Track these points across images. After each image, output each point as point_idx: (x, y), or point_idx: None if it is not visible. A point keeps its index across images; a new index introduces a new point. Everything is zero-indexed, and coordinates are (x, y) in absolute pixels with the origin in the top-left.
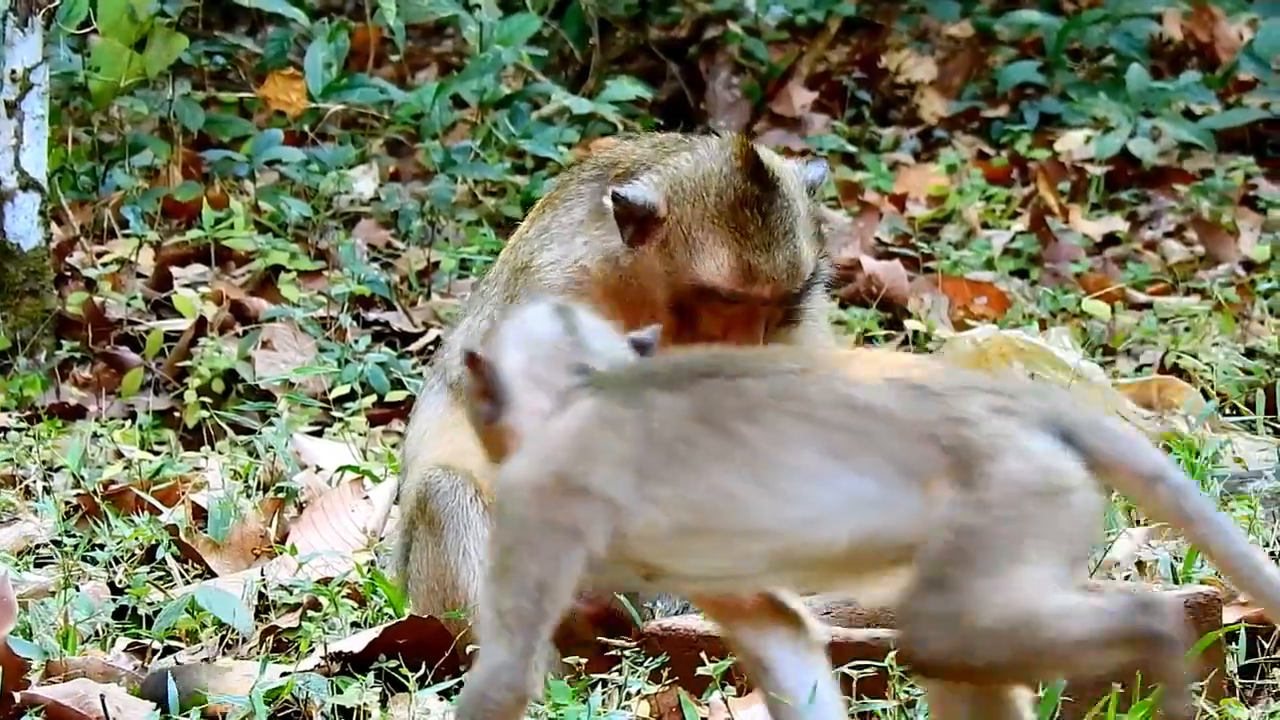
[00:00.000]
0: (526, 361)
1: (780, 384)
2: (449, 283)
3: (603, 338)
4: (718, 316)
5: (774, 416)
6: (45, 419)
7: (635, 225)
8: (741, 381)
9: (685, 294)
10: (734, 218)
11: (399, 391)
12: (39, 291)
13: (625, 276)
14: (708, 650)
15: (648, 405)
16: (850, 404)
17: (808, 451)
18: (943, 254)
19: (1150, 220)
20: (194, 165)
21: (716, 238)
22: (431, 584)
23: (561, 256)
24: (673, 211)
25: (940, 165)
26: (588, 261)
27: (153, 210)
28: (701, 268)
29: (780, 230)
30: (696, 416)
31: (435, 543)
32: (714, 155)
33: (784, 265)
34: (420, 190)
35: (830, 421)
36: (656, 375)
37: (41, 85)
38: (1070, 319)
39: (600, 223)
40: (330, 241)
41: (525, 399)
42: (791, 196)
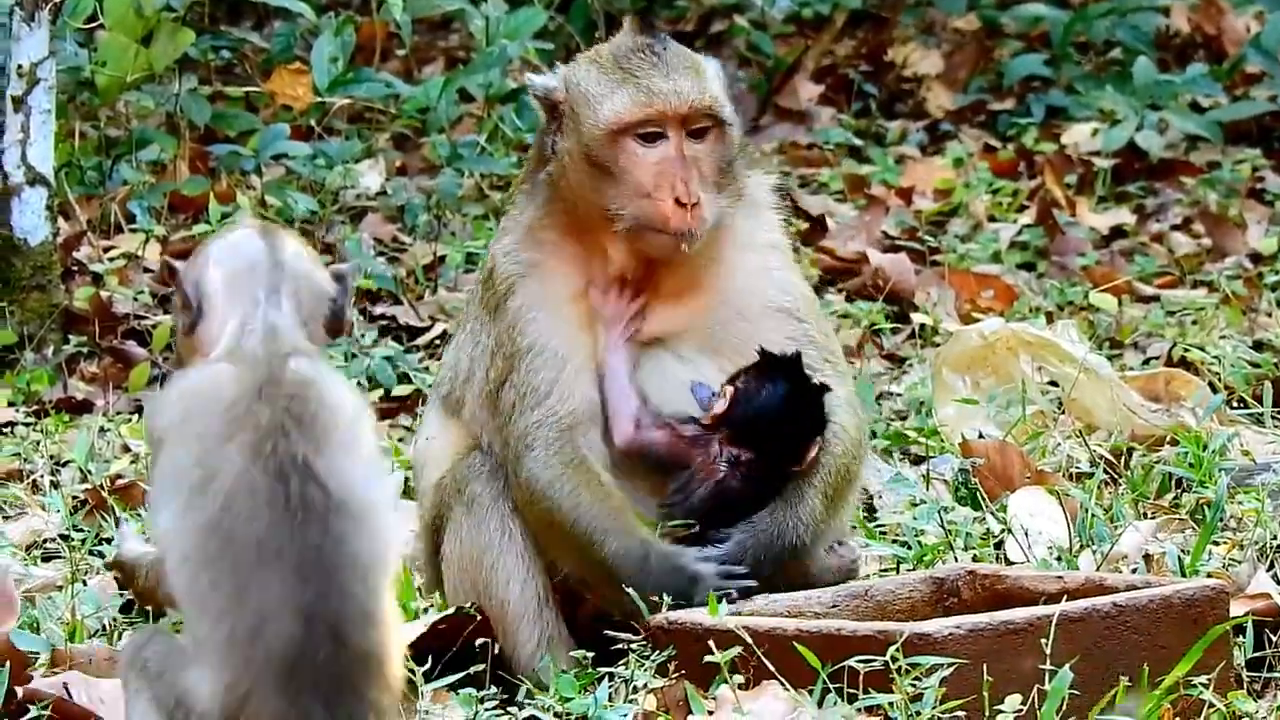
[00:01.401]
0: (224, 277)
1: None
2: (455, 277)
3: (302, 263)
4: (643, 166)
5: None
6: (52, 413)
7: (549, 120)
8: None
9: (601, 152)
10: (628, 61)
11: (405, 386)
12: (46, 286)
13: (563, 202)
14: (715, 643)
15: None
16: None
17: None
18: (949, 247)
19: (1157, 213)
20: (200, 160)
21: (614, 81)
22: (466, 565)
23: (506, 241)
24: (570, 85)
25: (947, 158)
26: (531, 220)
27: (159, 205)
28: (604, 111)
29: (679, 64)
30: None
31: (475, 526)
32: (610, 40)
33: (687, 84)
34: (426, 184)
35: None
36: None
37: (48, 80)
38: (1077, 312)
39: (528, 190)
40: (337, 236)
41: (217, 312)
42: (692, 54)
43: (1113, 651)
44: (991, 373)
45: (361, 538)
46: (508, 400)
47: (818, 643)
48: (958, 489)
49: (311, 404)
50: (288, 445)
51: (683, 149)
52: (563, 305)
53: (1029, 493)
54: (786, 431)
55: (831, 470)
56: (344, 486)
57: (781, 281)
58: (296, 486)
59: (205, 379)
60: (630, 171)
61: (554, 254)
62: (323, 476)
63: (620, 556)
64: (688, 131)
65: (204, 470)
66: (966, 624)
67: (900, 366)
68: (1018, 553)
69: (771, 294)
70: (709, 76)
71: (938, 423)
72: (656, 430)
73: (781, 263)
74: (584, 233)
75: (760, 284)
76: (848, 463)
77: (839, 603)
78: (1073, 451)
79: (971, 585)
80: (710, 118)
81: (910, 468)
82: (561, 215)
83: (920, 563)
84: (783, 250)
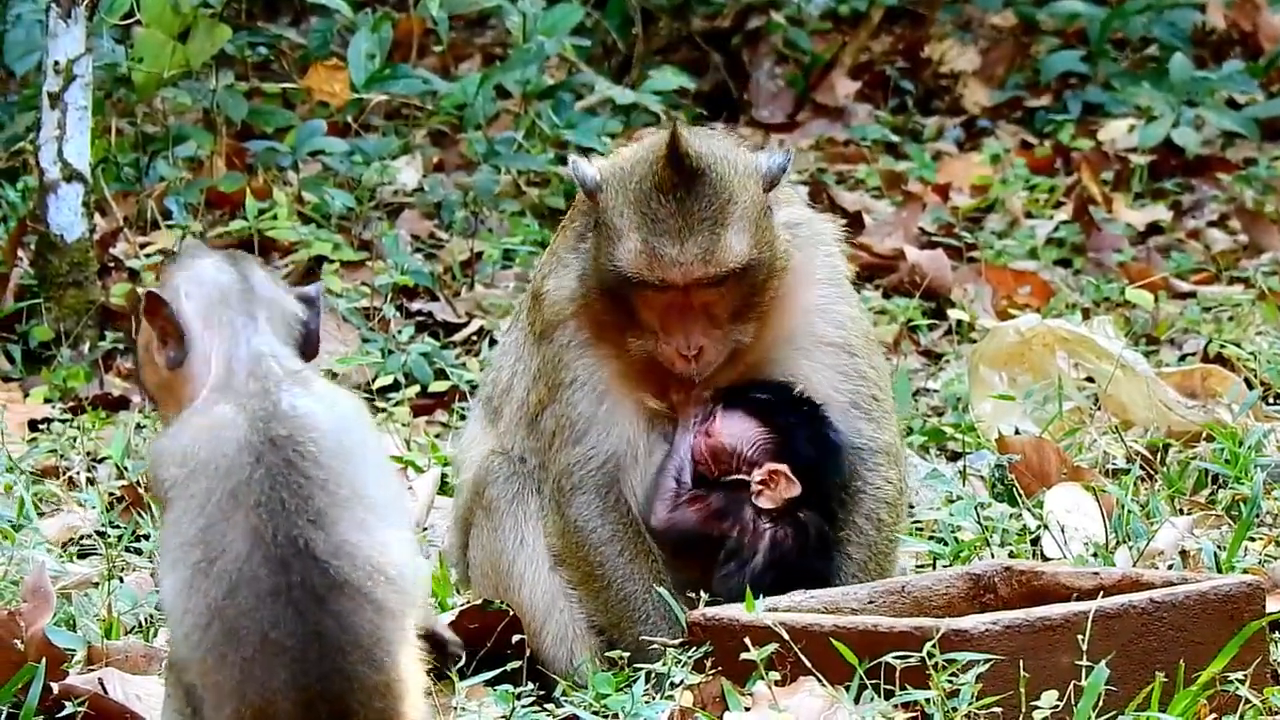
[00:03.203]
0: (198, 309)
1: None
2: (492, 273)
3: (270, 288)
4: (651, 309)
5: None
6: (89, 410)
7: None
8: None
9: (614, 285)
10: (647, 204)
11: (442, 382)
12: (82, 283)
13: (591, 284)
14: (751, 639)
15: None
16: None
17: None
18: (986, 243)
19: (1193, 209)
20: (237, 156)
21: (630, 223)
22: (486, 568)
23: (561, 283)
24: (605, 195)
25: (984, 155)
26: (576, 282)
27: (196, 201)
28: (615, 253)
29: (697, 218)
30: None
31: (493, 530)
32: (651, 142)
33: (695, 253)
34: (464, 181)
35: None
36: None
37: (84, 76)
38: (1114, 308)
39: (589, 237)
40: (374, 232)
41: (198, 345)
42: (722, 188)
43: (1149, 648)
44: (1028, 369)
45: (366, 610)
46: (547, 428)
47: (854, 639)
48: (994, 485)
49: (311, 449)
50: (289, 527)
51: (690, 300)
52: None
53: (1065, 489)
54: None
55: (874, 547)
56: (347, 558)
57: (835, 316)
58: (298, 574)
59: (205, 427)
60: (639, 311)
61: (593, 309)
62: (324, 556)
63: (653, 621)
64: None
65: (206, 549)
66: (1003, 620)
67: (937, 363)
68: (1054, 549)
69: (825, 328)
70: (736, 220)
71: (974, 419)
72: (687, 506)
73: (837, 296)
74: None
75: (814, 318)
76: (889, 535)
77: (876, 599)
78: (1109, 448)
79: (1008, 581)
80: (722, 278)
81: (947, 464)
82: (592, 287)
83: (957, 559)
84: (839, 284)
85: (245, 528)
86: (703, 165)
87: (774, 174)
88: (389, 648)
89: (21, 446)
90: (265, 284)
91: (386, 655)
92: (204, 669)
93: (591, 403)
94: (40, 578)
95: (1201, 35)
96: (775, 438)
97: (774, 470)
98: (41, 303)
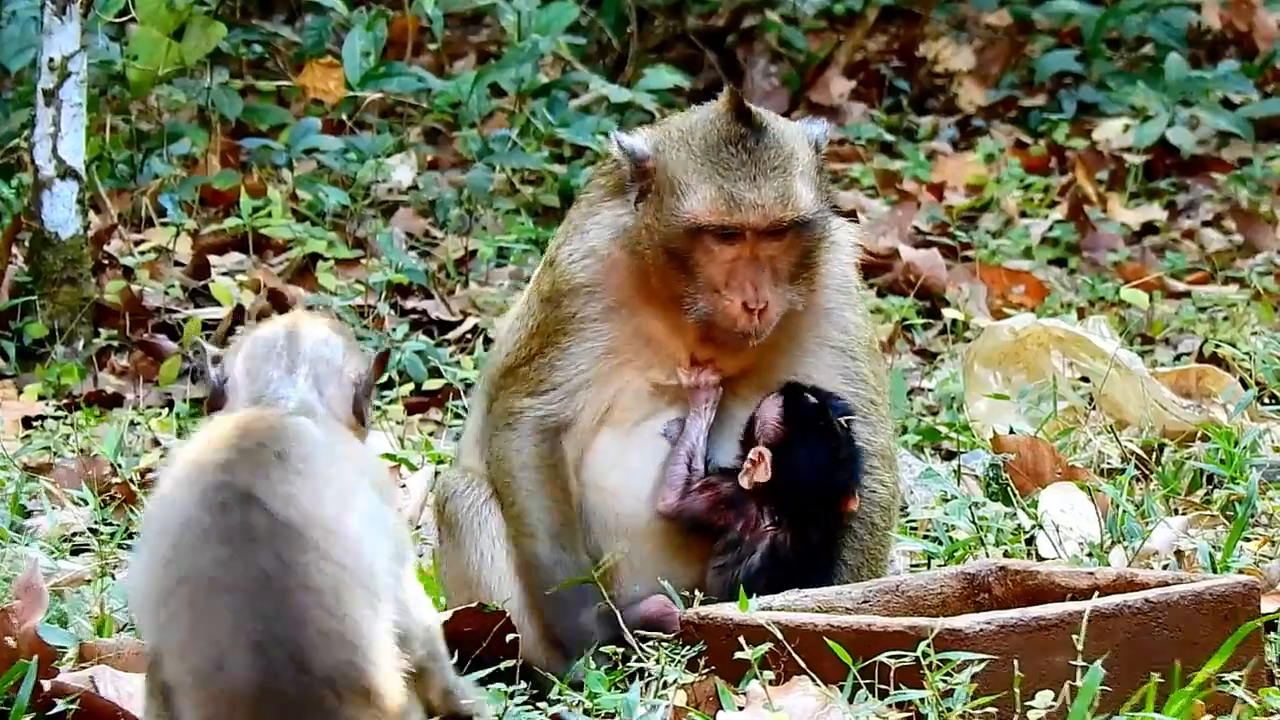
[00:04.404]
0: (245, 362)
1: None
2: (487, 271)
3: (327, 347)
4: (717, 263)
5: None
6: (83, 407)
7: (635, 179)
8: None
9: (678, 243)
10: (717, 154)
11: (436, 380)
12: (77, 280)
13: (634, 250)
14: (745, 638)
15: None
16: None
17: None
18: (981, 243)
19: (1188, 209)
20: (232, 154)
21: (700, 175)
22: (457, 584)
23: (577, 247)
24: (659, 159)
25: (978, 154)
26: (600, 243)
27: (190, 199)
28: (686, 206)
29: (768, 165)
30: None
31: (455, 545)
32: (705, 108)
33: (772, 194)
34: (458, 179)
35: None
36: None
37: (79, 73)
38: (1109, 307)
39: (612, 201)
40: (368, 230)
41: (238, 394)
42: (785, 141)
43: (1144, 648)
44: (1023, 368)
45: (321, 562)
46: (521, 375)
47: (848, 638)
48: (989, 484)
49: (283, 441)
50: (232, 479)
51: (758, 251)
52: (613, 336)
53: (1060, 488)
54: (827, 487)
55: (867, 551)
56: (302, 513)
57: (841, 320)
58: (237, 517)
59: (204, 431)
60: (703, 267)
61: (618, 276)
62: (269, 503)
63: (540, 562)
64: (767, 232)
65: (163, 511)
66: (998, 620)
67: (932, 362)
68: (1049, 548)
69: (831, 331)
70: (801, 172)
71: (969, 418)
72: (699, 493)
73: (846, 302)
74: (653, 297)
75: (822, 320)
76: (881, 539)
77: (870, 598)
78: (1104, 447)
79: (1003, 581)
80: (791, 224)
81: (941, 463)
82: (634, 266)
83: (951, 558)
84: (849, 291)
85: (196, 485)
86: (765, 120)
87: (818, 138)
88: (349, 604)
89: (15, 443)
90: (320, 344)
91: (348, 607)
92: (159, 627)
93: (579, 369)
94: (33, 575)
95: (1197, 35)
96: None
97: (761, 452)
98: (36, 299)
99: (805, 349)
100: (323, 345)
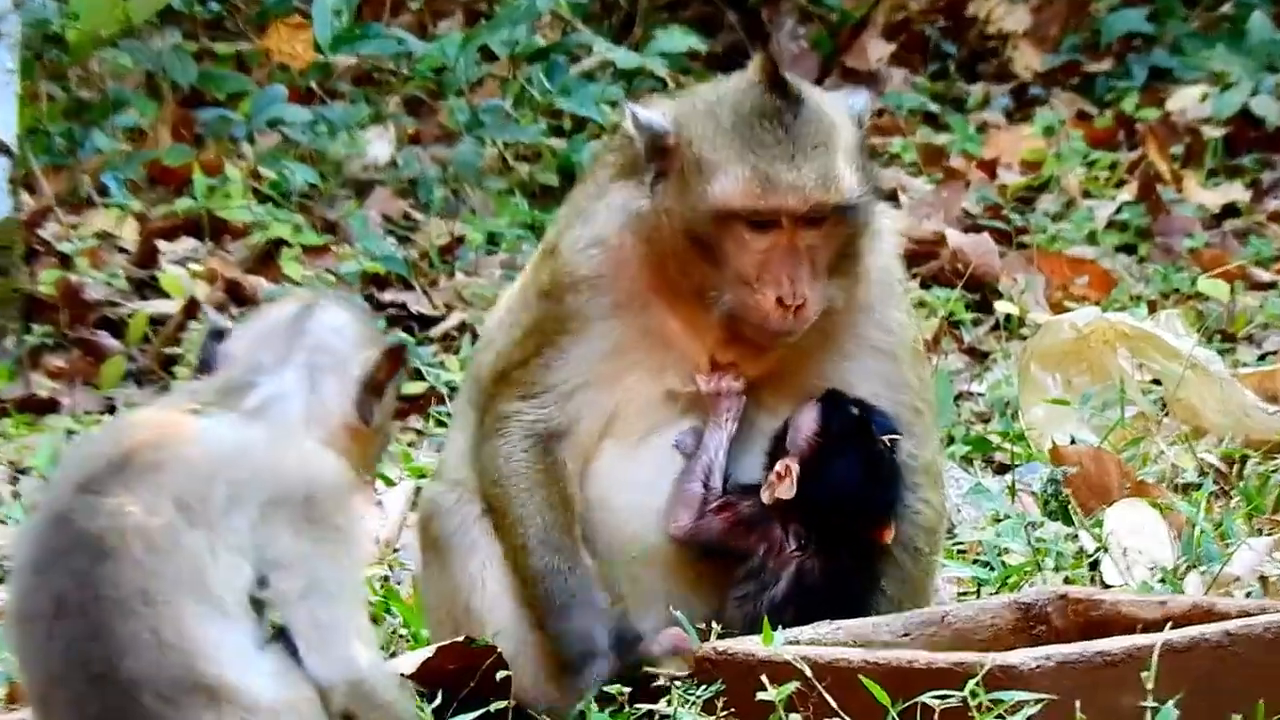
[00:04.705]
0: (247, 339)
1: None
2: (475, 260)
3: (333, 334)
4: (748, 254)
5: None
6: (13, 413)
7: (651, 158)
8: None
9: (704, 230)
10: (749, 130)
11: (417, 384)
12: (7, 269)
13: (652, 237)
14: (769, 676)
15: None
16: None
17: None
18: (1038, 227)
19: (1274, 188)
20: (184, 126)
21: (731, 153)
22: (441, 614)
23: (582, 235)
24: (683, 135)
25: (1035, 126)
26: (610, 231)
27: (137, 177)
28: (715, 188)
29: (807, 142)
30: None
31: (442, 569)
32: (733, 77)
33: (812, 177)
34: (443, 154)
35: None
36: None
37: (11, 35)
38: (1183, 300)
39: (623, 182)
40: (339, 213)
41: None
42: (825, 115)
43: (1223, 686)
44: (1086, 369)
45: (127, 567)
46: (513, 380)
47: (887, 676)
48: (1047, 502)
49: (136, 449)
50: (54, 500)
51: (795, 240)
52: (620, 336)
53: (1128, 506)
54: (861, 512)
55: (910, 581)
56: (116, 524)
57: (883, 319)
58: (47, 542)
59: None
60: (733, 258)
61: (631, 267)
62: (78, 519)
63: (537, 575)
64: (806, 219)
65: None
66: (1056, 655)
67: (982, 362)
68: (1115, 574)
69: (871, 330)
70: (843, 151)
71: (1025, 426)
72: (715, 513)
73: (888, 298)
74: (669, 291)
75: (860, 319)
76: (925, 565)
77: (911, 631)
78: (1178, 459)
79: (1063, 611)
80: (832, 210)
81: (993, 477)
82: (647, 257)
83: (1004, 585)
84: (891, 285)
85: (28, 523)
86: (803, 92)
87: (861, 113)
88: (165, 604)
89: None
90: (327, 331)
91: (162, 610)
92: (12, 644)
93: (578, 371)
94: None
95: None
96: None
97: (788, 465)
98: None
99: (842, 351)
100: (330, 333)
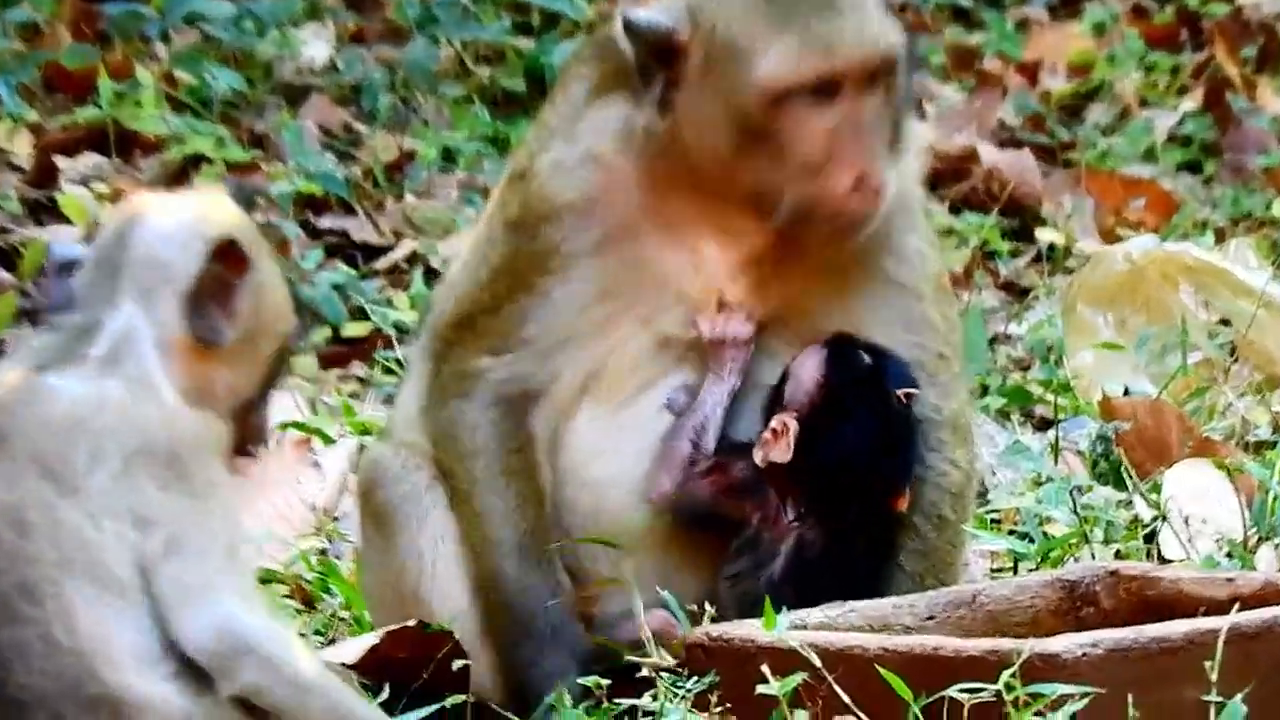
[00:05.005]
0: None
1: None
2: (428, 178)
3: (157, 248)
4: (813, 133)
5: None
6: None
7: (658, 65)
8: None
9: (760, 117)
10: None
11: (360, 323)
12: None
13: (661, 151)
14: (771, 665)
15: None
16: None
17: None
18: (1088, 141)
19: None
20: (87, 22)
21: (767, 26)
22: (384, 597)
23: (567, 155)
24: (700, 26)
25: (1084, 24)
26: (599, 146)
27: (31, 82)
28: (763, 68)
29: (848, 1)
30: None
31: (385, 545)
32: None
33: (870, 31)
34: (390, 55)
35: None
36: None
37: None
38: (1257, 227)
39: (606, 98)
40: (269, 124)
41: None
42: None
43: None
44: (1142, 308)
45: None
46: (479, 327)
47: (909, 666)
48: (1096, 462)
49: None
50: None
51: (860, 108)
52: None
53: (1191, 467)
54: (870, 478)
55: (934, 553)
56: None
57: (902, 248)
58: None
59: None
60: (796, 143)
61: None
62: None
63: (504, 583)
64: (867, 80)
65: None
66: (1106, 642)
67: (1022, 300)
68: (1175, 547)
69: (889, 263)
70: (881, 8)
71: (1070, 375)
72: (701, 477)
73: (908, 224)
74: (673, 217)
75: (878, 250)
76: (952, 536)
77: (937, 613)
78: (1249, 413)
79: (1113, 590)
80: (891, 65)
81: (1033, 434)
82: (645, 178)
83: (1045, 560)
84: (911, 210)
85: None
86: None
87: None
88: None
89: None
90: (150, 243)
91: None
92: None
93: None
94: None
95: None
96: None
97: (785, 422)
98: None
99: (854, 286)
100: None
